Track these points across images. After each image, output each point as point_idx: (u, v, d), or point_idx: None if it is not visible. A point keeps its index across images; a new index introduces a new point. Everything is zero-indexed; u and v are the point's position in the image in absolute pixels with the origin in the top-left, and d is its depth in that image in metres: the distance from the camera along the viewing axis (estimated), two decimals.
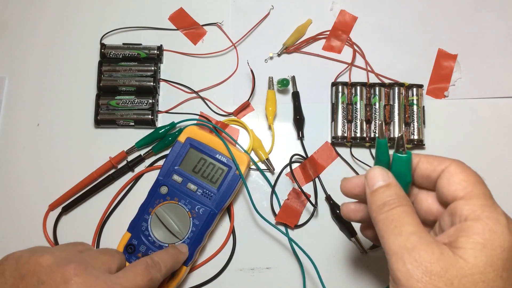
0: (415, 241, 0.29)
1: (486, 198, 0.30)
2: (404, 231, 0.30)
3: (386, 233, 0.30)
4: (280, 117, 0.57)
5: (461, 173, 0.32)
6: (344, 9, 0.61)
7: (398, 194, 0.32)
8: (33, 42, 0.60)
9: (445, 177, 0.32)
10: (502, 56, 0.59)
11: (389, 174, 0.33)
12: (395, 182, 0.33)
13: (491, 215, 0.29)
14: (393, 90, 0.57)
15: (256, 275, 0.52)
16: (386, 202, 0.31)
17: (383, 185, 0.32)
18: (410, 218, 0.30)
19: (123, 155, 0.55)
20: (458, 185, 0.31)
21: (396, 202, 0.31)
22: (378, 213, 0.32)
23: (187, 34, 0.60)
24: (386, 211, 0.31)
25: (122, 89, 0.56)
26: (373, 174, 0.33)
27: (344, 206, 0.39)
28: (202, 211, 0.49)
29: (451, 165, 0.32)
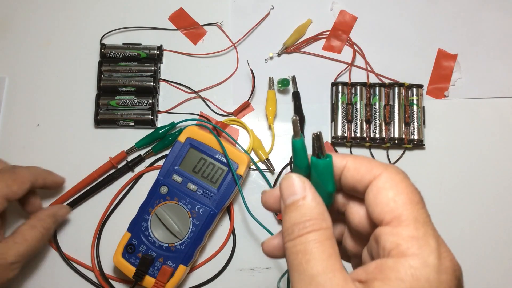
0: (322, 284, 0.23)
1: (417, 227, 0.23)
2: (310, 270, 0.23)
3: (291, 268, 0.25)
4: (280, 117, 0.57)
5: (391, 188, 0.25)
6: (344, 9, 0.61)
7: (314, 213, 0.25)
8: (33, 42, 0.60)
9: (371, 192, 0.25)
10: (502, 56, 0.59)
11: (306, 183, 0.26)
12: (313, 195, 0.26)
13: (419, 254, 0.22)
14: (393, 90, 0.57)
15: (256, 275, 0.52)
16: (297, 224, 0.25)
17: (298, 199, 0.26)
18: (321, 251, 0.24)
19: (123, 155, 0.55)
20: (385, 206, 0.24)
21: (309, 225, 0.25)
22: (286, 239, 0.25)
23: (187, 34, 0.60)
24: (295, 237, 0.25)
25: (122, 89, 0.56)
26: (287, 184, 0.26)
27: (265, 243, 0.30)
28: (202, 211, 0.49)
29: (380, 176, 0.25)
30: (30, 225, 0.46)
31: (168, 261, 0.48)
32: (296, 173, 0.27)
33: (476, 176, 0.55)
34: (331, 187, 0.27)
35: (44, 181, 0.49)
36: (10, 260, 0.43)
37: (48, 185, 0.50)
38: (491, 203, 0.55)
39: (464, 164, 0.56)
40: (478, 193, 0.55)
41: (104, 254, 0.53)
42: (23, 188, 0.45)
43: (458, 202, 0.55)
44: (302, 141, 0.27)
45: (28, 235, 0.45)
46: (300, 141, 0.27)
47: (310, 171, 0.27)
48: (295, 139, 0.27)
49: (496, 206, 0.54)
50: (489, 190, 0.55)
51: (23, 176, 0.46)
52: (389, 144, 0.55)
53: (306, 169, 0.28)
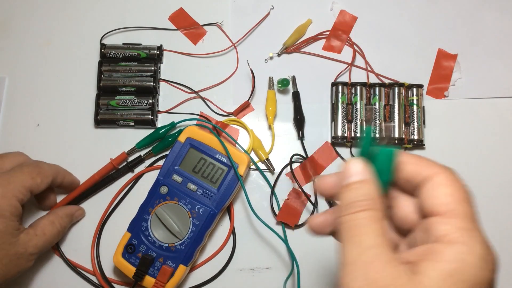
0: (372, 256, 0.25)
1: (467, 221, 0.26)
2: (364, 243, 0.26)
3: (345, 240, 0.27)
4: (280, 117, 0.57)
5: (449, 186, 0.28)
6: (344, 9, 0.61)
7: (370, 194, 0.28)
8: (33, 42, 0.60)
9: (429, 186, 0.28)
10: (502, 56, 0.59)
11: (368, 169, 0.29)
12: (372, 180, 0.29)
13: (468, 242, 0.25)
14: (393, 90, 0.57)
15: (256, 275, 0.52)
16: (354, 202, 0.28)
17: (358, 181, 0.29)
18: (373, 227, 0.27)
19: (124, 156, 0.55)
20: (441, 199, 0.27)
21: (365, 204, 0.27)
22: (342, 213, 0.28)
23: (187, 34, 0.60)
24: (350, 213, 0.27)
25: (122, 89, 0.56)
26: (350, 166, 0.29)
27: (311, 220, 0.33)
28: (202, 211, 0.49)
29: (439, 174, 0.28)
30: (49, 220, 0.48)
31: (168, 261, 0.48)
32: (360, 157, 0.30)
33: (476, 176, 0.55)
34: (388, 175, 0.30)
35: (63, 179, 0.51)
36: (30, 251, 0.45)
37: (65, 184, 0.52)
38: (491, 203, 0.55)
39: (464, 164, 0.56)
40: (478, 193, 0.55)
41: (104, 254, 0.53)
42: (46, 182, 0.47)
43: None
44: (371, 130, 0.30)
45: (47, 229, 0.47)
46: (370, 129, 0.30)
47: (372, 160, 0.30)
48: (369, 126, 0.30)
49: (496, 206, 0.54)
50: (489, 190, 0.55)
51: (47, 170, 0.48)
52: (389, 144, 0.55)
53: (368, 157, 0.30)
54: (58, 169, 0.50)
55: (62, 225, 0.49)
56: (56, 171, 0.50)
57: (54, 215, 0.49)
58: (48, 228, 0.47)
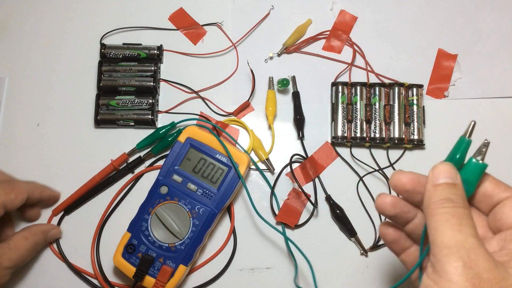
0: (474, 244, 0.28)
1: None
2: (465, 231, 0.29)
3: (444, 226, 0.29)
4: (280, 117, 0.57)
5: None
6: (344, 9, 0.61)
7: (463, 196, 0.31)
8: (33, 42, 0.60)
9: (509, 204, 0.32)
10: (502, 56, 0.59)
11: (458, 175, 0.32)
12: (461, 186, 0.31)
13: None
14: (393, 90, 0.57)
15: (256, 275, 0.52)
16: (451, 199, 0.30)
17: (450, 183, 0.31)
18: (471, 222, 0.30)
19: (125, 157, 0.55)
20: None
21: (461, 202, 0.30)
22: (439, 206, 0.30)
23: (187, 34, 0.60)
24: (449, 206, 0.30)
25: (122, 89, 0.56)
26: (442, 168, 0.32)
27: (381, 197, 0.36)
28: (202, 211, 0.49)
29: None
30: (23, 235, 0.48)
31: (168, 261, 0.48)
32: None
33: None
34: (473, 188, 0.32)
35: (41, 194, 0.51)
36: (5, 264, 0.45)
37: (44, 199, 0.52)
38: None
39: None
40: None
41: (104, 254, 0.53)
42: (21, 198, 0.47)
43: None
44: (470, 143, 0.33)
45: (20, 244, 0.47)
46: (470, 142, 0.33)
47: (461, 169, 0.32)
48: (467, 139, 0.33)
49: None
50: None
51: (21, 187, 0.48)
52: (389, 144, 0.55)
53: (458, 166, 0.32)
54: (34, 186, 0.50)
55: (36, 241, 0.49)
56: (32, 187, 0.50)
57: (28, 231, 0.49)
58: (22, 243, 0.47)
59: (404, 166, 0.55)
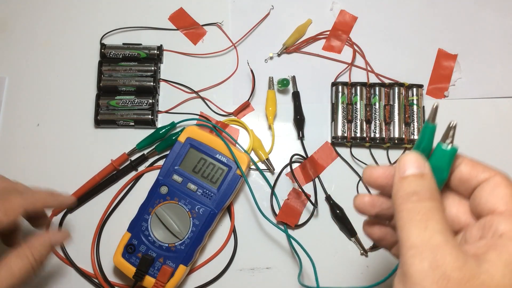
0: (440, 241, 0.26)
1: None
2: (431, 227, 0.27)
3: (408, 223, 0.27)
4: (280, 117, 0.57)
5: (507, 187, 0.29)
6: (344, 9, 0.61)
7: (432, 187, 0.29)
8: (33, 42, 0.60)
9: (487, 187, 0.29)
10: (502, 56, 0.59)
11: (426, 164, 0.29)
12: (431, 175, 0.29)
13: None
14: (393, 90, 0.57)
15: (256, 275, 0.52)
16: (417, 191, 0.28)
17: (417, 173, 0.29)
18: (439, 216, 0.27)
19: (125, 157, 0.55)
20: (501, 199, 0.28)
21: (428, 195, 0.28)
22: (405, 201, 0.28)
23: (187, 34, 0.60)
24: (415, 201, 0.28)
25: (122, 89, 0.56)
26: (408, 159, 0.29)
27: (358, 198, 0.35)
28: (202, 211, 0.49)
29: (496, 176, 0.30)
30: (19, 255, 0.39)
31: (168, 261, 0.48)
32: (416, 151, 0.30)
33: None
34: (446, 174, 0.30)
35: (45, 205, 0.44)
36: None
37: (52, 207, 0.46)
38: None
39: None
40: None
41: (104, 254, 0.53)
42: (12, 218, 0.39)
43: None
44: (435, 128, 0.30)
45: (15, 267, 0.38)
46: (433, 127, 0.30)
47: (430, 156, 0.30)
48: (430, 124, 0.30)
49: None
50: None
51: (14, 204, 0.39)
52: (389, 144, 0.55)
53: (427, 154, 0.30)
54: (35, 198, 0.42)
55: (38, 258, 0.40)
56: (32, 200, 0.42)
57: (26, 247, 0.39)
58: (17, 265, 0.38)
59: None
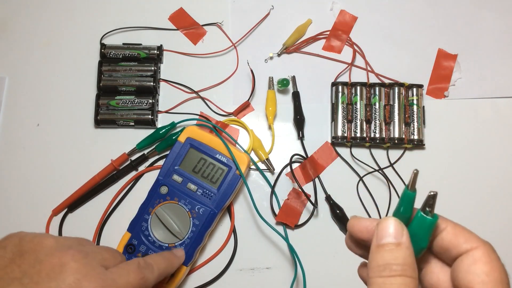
0: None
1: None
2: None
3: None
4: (280, 117, 0.57)
5: (487, 263, 0.27)
6: (344, 9, 0.61)
7: (406, 260, 0.27)
8: (33, 42, 0.60)
9: (466, 260, 0.28)
10: (502, 56, 0.59)
11: (404, 232, 0.28)
12: (408, 245, 0.28)
13: None
14: (393, 90, 0.57)
15: (256, 275, 0.52)
16: (388, 265, 0.27)
17: (393, 243, 0.28)
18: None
19: (125, 157, 0.55)
20: (477, 277, 0.27)
21: (400, 269, 0.27)
22: (375, 274, 0.27)
23: (187, 34, 0.60)
24: (385, 276, 0.27)
25: (122, 89, 0.56)
26: (386, 225, 0.28)
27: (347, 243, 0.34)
28: (202, 211, 0.49)
29: (477, 249, 0.28)
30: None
31: None
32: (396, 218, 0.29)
33: (476, 176, 0.55)
34: (425, 243, 0.29)
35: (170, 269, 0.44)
36: None
37: None
38: (491, 203, 0.55)
39: (464, 164, 0.56)
40: (478, 193, 0.55)
41: None
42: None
43: (458, 202, 0.55)
44: (415, 195, 0.29)
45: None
46: (414, 195, 0.29)
47: (409, 223, 0.29)
48: (410, 191, 0.29)
49: (496, 206, 0.55)
50: (489, 190, 0.55)
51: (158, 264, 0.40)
52: (389, 144, 0.55)
53: (406, 219, 0.29)
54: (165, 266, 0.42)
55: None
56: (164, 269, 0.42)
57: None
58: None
59: (404, 166, 0.55)
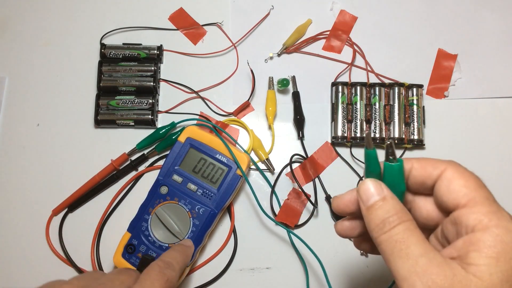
0: (425, 264, 0.27)
1: (490, 204, 0.28)
2: (412, 254, 0.27)
3: (391, 256, 0.28)
4: (280, 117, 0.57)
5: (460, 178, 0.29)
6: (344, 9, 0.61)
7: (397, 208, 0.29)
8: (33, 42, 0.60)
9: (442, 184, 0.30)
10: (502, 56, 0.59)
11: (382, 186, 0.30)
12: (391, 195, 0.30)
13: (500, 223, 0.27)
14: (393, 90, 0.57)
15: (256, 275, 0.52)
16: (386, 219, 0.29)
17: (378, 200, 0.30)
18: (415, 237, 0.28)
19: (125, 157, 0.55)
20: (459, 192, 0.29)
21: (396, 219, 0.29)
22: (379, 233, 0.29)
23: (187, 34, 0.60)
24: (388, 230, 0.29)
25: (122, 89, 0.56)
26: (365, 188, 0.30)
27: (339, 225, 0.35)
28: (202, 211, 0.49)
29: (447, 170, 0.30)
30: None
31: None
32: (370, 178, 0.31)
33: None
34: (403, 186, 0.31)
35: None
36: None
37: None
38: None
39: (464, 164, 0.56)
40: None
41: (104, 254, 0.53)
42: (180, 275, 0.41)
43: None
44: (375, 151, 0.31)
45: None
46: (374, 151, 0.31)
47: (382, 175, 0.31)
48: (369, 150, 0.31)
49: None
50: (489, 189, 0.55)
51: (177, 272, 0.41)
52: None
53: (378, 174, 0.32)
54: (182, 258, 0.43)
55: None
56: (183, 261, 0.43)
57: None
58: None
59: None
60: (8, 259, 0.53)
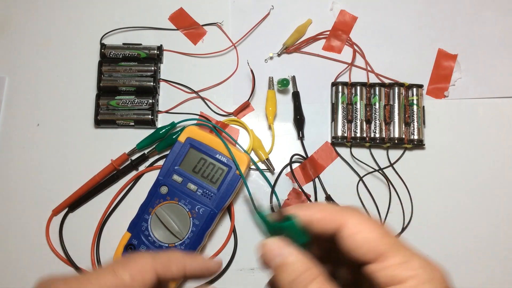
0: None
1: (399, 253, 0.26)
2: None
3: None
4: (280, 117, 0.57)
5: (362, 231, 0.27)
6: (344, 9, 0.61)
7: (302, 266, 0.27)
8: (33, 42, 0.60)
9: (345, 238, 0.27)
10: (502, 56, 0.59)
11: (280, 244, 0.28)
12: (295, 252, 0.28)
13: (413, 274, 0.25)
14: (393, 90, 0.57)
15: (256, 275, 0.52)
16: (292, 281, 0.27)
17: (283, 260, 0.28)
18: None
19: (125, 157, 0.55)
20: (364, 248, 0.27)
21: (303, 278, 0.27)
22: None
23: (187, 34, 0.60)
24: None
25: (122, 89, 0.56)
26: (268, 249, 0.29)
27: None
28: (202, 211, 0.49)
29: (348, 222, 0.27)
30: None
31: None
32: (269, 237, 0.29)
33: (476, 176, 0.55)
34: (304, 239, 0.29)
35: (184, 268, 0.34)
36: None
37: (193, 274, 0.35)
38: (491, 203, 0.55)
39: (464, 164, 0.56)
40: (478, 193, 0.55)
41: (104, 254, 0.53)
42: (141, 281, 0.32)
43: (458, 202, 0.55)
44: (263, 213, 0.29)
45: None
46: (262, 213, 0.29)
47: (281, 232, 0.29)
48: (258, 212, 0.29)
49: (496, 206, 0.54)
50: (489, 190, 0.55)
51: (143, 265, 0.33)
52: (389, 144, 0.55)
53: (276, 231, 0.29)
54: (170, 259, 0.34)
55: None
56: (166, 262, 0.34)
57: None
58: None
59: (404, 166, 0.55)
60: (8, 259, 0.53)
